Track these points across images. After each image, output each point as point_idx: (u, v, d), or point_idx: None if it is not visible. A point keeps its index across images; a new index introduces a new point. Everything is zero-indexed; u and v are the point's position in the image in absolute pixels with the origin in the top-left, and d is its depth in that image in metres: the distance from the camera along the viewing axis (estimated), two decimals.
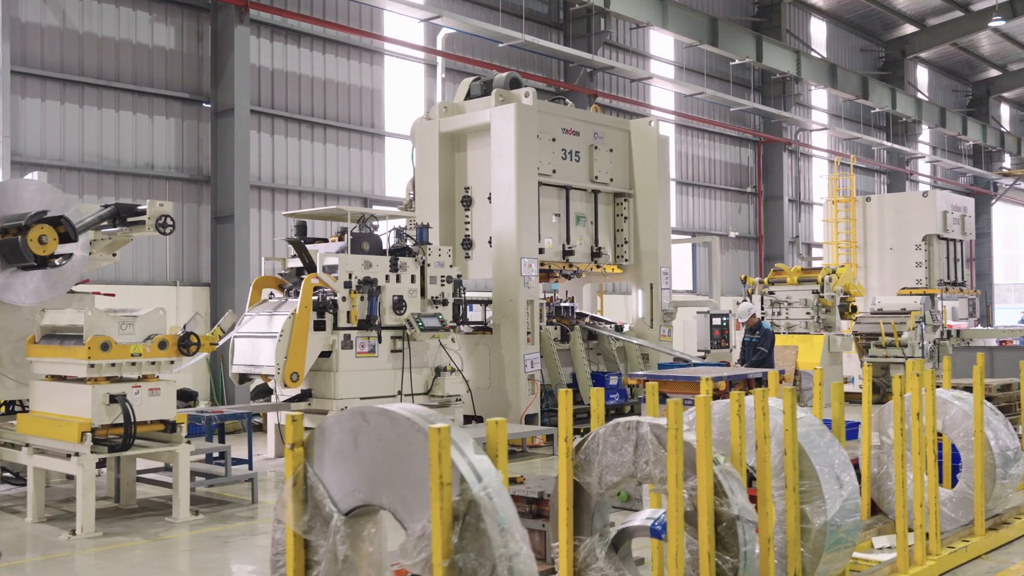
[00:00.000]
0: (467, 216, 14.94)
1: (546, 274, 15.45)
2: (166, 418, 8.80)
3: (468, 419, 14.16)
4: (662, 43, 26.39)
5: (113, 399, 8.36)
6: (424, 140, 15.13)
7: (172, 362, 8.95)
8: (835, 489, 5.40)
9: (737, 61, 26.71)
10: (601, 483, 5.20)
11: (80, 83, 15.03)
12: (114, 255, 11.23)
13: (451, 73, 20.15)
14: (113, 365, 8.52)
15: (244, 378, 12.41)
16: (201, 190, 16.39)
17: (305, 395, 12.48)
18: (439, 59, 20.04)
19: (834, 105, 33.19)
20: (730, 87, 27.49)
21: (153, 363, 8.78)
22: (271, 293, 12.90)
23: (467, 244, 14.90)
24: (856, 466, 8.12)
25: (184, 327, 9.03)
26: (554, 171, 14.97)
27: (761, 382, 9.46)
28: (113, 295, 11.33)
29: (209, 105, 16.45)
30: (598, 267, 15.90)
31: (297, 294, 12.21)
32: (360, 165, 18.89)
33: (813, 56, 30.46)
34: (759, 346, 14.05)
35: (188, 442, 8.99)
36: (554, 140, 15.03)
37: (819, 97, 32.81)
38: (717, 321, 16.16)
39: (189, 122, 16.32)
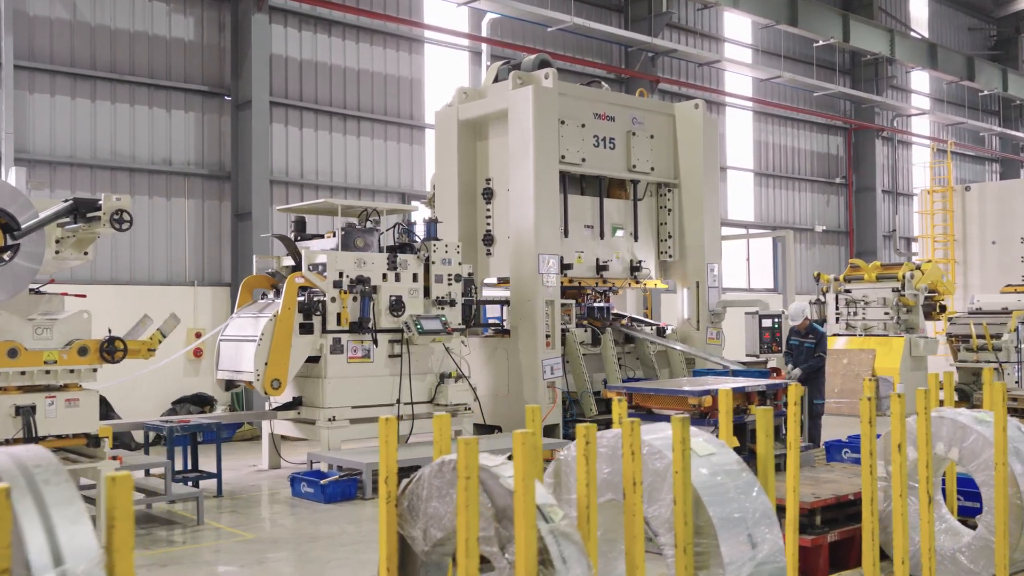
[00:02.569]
0: (488, 210, 13.85)
1: (577, 291, 14.18)
2: (87, 431, 7.99)
3: (482, 429, 13.10)
4: (737, 24, 24.72)
5: (18, 411, 7.60)
6: (444, 129, 14.11)
7: (95, 370, 8.15)
8: (743, 550, 4.11)
9: (821, 42, 24.80)
10: (427, 538, 4.05)
11: (92, 77, 14.55)
12: (85, 253, 10.51)
13: (498, 61, 19.04)
14: (23, 373, 7.76)
15: (230, 384, 11.63)
16: (223, 187, 15.76)
17: (296, 403, 11.64)
18: (484, 46, 19.01)
19: (936, 89, 30.74)
20: (813, 70, 25.58)
21: (72, 371, 8.00)
22: (263, 294, 12.10)
23: (488, 240, 13.81)
24: (814, 509, 6.73)
25: (109, 330, 8.23)
26: (584, 160, 13.75)
27: (766, 396, 8.10)
28: (84, 296, 10.62)
29: (230, 98, 15.80)
30: (637, 283, 14.56)
31: None
32: (398, 159, 18.00)
33: (908, 35, 28.18)
34: (816, 352, 12.50)
35: (114, 458, 8.18)
36: (584, 126, 13.80)
37: (920, 80, 30.42)
38: (768, 323, 14.62)
39: (210, 116, 15.71)
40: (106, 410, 13.89)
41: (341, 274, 11.28)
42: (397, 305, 11.59)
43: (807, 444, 10.89)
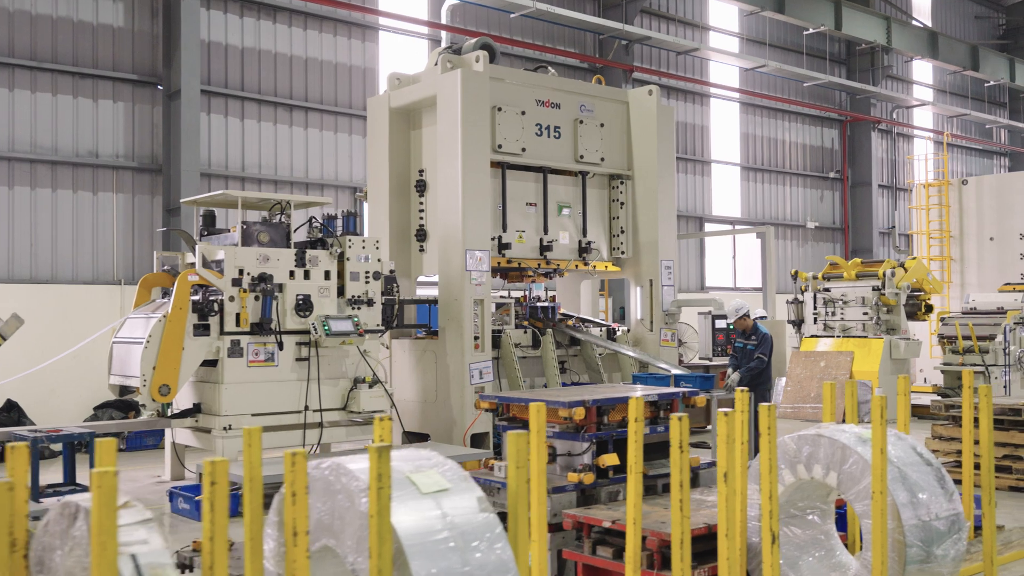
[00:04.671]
0: (421, 203, 12.97)
1: (519, 273, 13.30)
2: None
3: (413, 437, 12.25)
4: (722, 12, 23.71)
5: None
6: (375, 117, 13.27)
7: None
8: None
9: (812, 30, 23.75)
10: None
11: (9, 65, 13.85)
12: None
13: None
14: None
15: (124, 390, 10.85)
16: (155, 180, 15.00)
17: (196, 410, 10.83)
18: (443, 33, 18.13)
19: (940, 80, 29.56)
20: (804, 59, 24.52)
21: None
22: (164, 292, 11.30)
23: (421, 235, 12.92)
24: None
25: None
26: (523, 149, 12.81)
27: (659, 407, 7.17)
28: None
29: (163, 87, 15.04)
30: (586, 264, 13.62)
31: None
32: (350, 151, 17.19)
33: (908, 23, 27.03)
34: (757, 353, 11.56)
35: None
36: (524, 113, 12.87)
37: (923, 71, 29.26)
38: (721, 324, 13.66)
39: (141, 106, 14.95)
40: (18, 416, 13.20)
41: (241, 271, 10.45)
42: (304, 305, 10.74)
43: (711, 462, 9.91)
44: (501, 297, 13.98)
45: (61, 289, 13.91)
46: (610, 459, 6.69)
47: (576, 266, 13.57)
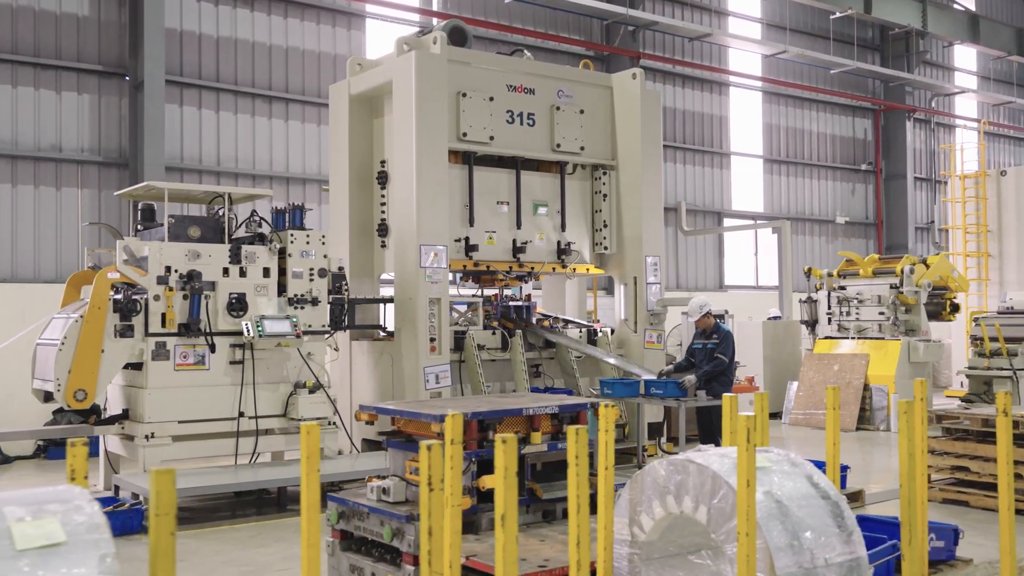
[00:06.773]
0: (383, 196, 12.17)
1: (490, 277, 12.43)
2: None
3: (373, 445, 11.48)
4: None
5: None
6: (335, 105, 12.51)
7: None
8: None
9: (839, 13, 22.48)
10: None
11: None
12: None
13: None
14: None
15: (48, 395, 10.21)
16: (123, 175, 14.45)
17: (124, 415, 10.17)
18: (435, 21, 17.34)
19: (984, 66, 27.95)
20: (830, 45, 23.22)
21: None
22: None
23: (383, 230, 12.12)
24: None
25: None
26: (492, 137, 11.96)
27: (561, 419, 6.26)
28: None
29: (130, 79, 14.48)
30: (564, 267, 12.69)
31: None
32: None
33: (947, 6, 25.53)
34: (717, 352, 10.57)
35: None
36: (492, 99, 12.02)
37: (966, 57, 27.68)
38: None
39: (108, 98, 14.40)
40: None
41: (168, 269, 9.76)
42: (238, 304, 10.02)
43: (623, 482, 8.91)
44: (472, 296, 13.16)
45: (22, 288, 13.40)
46: (492, 480, 5.81)
47: (554, 269, 12.66)
